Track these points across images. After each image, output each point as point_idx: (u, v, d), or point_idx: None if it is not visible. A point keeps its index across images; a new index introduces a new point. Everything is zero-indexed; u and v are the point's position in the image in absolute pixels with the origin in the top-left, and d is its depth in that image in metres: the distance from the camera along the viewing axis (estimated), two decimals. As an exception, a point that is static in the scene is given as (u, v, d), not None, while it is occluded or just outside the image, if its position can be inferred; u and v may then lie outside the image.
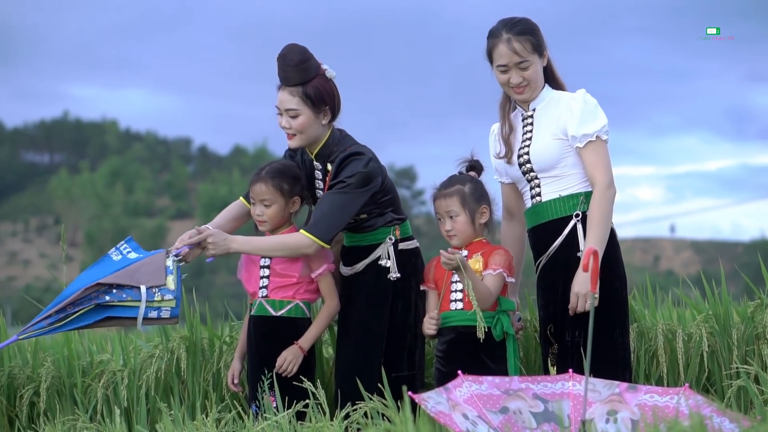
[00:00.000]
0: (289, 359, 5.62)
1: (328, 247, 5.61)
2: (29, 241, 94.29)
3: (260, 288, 5.74)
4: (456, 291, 5.51)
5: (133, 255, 5.58)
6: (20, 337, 5.47)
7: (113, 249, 5.66)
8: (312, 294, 5.76)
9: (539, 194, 5.52)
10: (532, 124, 5.57)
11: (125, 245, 5.66)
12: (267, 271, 5.74)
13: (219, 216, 5.88)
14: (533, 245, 5.60)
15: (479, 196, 5.57)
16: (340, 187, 5.56)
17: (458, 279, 5.48)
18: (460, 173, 5.68)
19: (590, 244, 5.23)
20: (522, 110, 5.62)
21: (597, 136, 5.40)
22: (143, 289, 5.41)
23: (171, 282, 5.48)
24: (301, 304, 5.72)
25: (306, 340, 5.67)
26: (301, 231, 5.55)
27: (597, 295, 4.64)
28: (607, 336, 5.32)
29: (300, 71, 5.58)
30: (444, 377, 5.20)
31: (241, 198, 5.96)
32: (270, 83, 5.73)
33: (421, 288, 5.67)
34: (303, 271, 5.70)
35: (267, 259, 5.72)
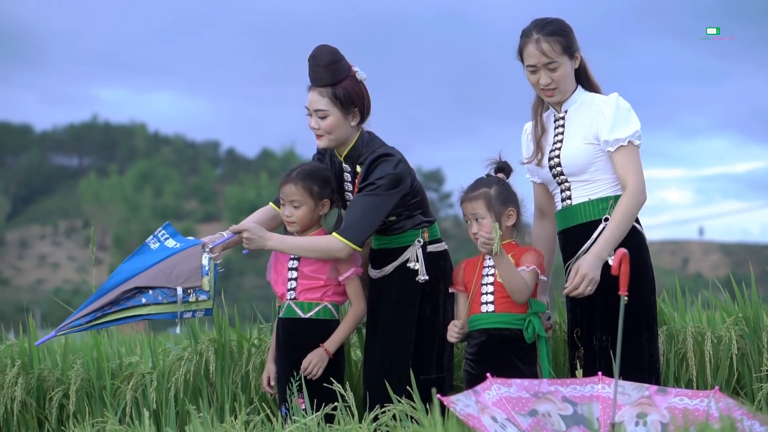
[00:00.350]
0: (314, 362, 5.62)
1: (360, 250, 5.61)
2: (58, 245, 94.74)
3: (288, 290, 5.74)
4: (486, 293, 5.50)
5: (171, 242, 5.61)
6: (59, 333, 5.53)
7: (151, 237, 5.70)
8: (340, 296, 5.76)
9: (569, 197, 5.51)
10: (563, 126, 5.55)
11: (163, 231, 5.70)
12: (295, 273, 5.74)
13: (247, 219, 5.89)
14: (562, 248, 5.58)
15: (505, 199, 5.55)
16: (371, 189, 5.56)
17: (489, 282, 5.48)
18: (488, 175, 5.66)
19: (604, 239, 5.25)
20: (554, 111, 5.60)
21: (629, 141, 5.37)
22: (179, 291, 5.45)
23: (206, 283, 5.52)
24: (330, 306, 5.72)
25: (332, 343, 5.67)
26: (334, 234, 5.56)
27: (626, 297, 4.61)
28: (633, 341, 5.29)
29: (330, 72, 5.59)
30: (474, 380, 5.19)
31: (270, 203, 5.97)
32: (298, 86, 5.70)
33: (450, 290, 5.66)
34: (330, 273, 5.70)
35: (295, 261, 5.73)
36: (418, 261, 5.68)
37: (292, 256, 5.73)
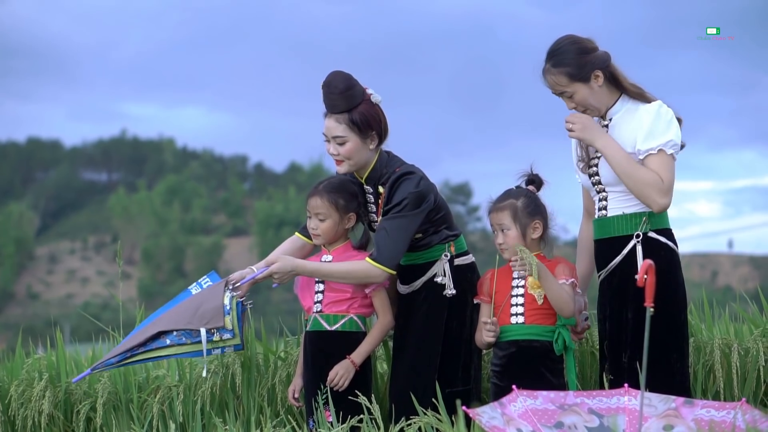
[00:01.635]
0: (340, 373, 5.63)
1: (394, 273, 5.63)
2: (88, 259, 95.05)
3: (315, 303, 5.76)
4: (516, 305, 5.49)
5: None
6: (94, 370, 5.64)
7: (194, 284, 5.73)
8: (366, 308, 5.77)
9: (605, 207, 5.48)
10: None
11: (207, 279, 5.73)
12: (321, 286, 5.75)
13: (274, 252, 5.89)
14: (596, 257, 5.55)
15: (532, 211, 5.54)
16: (396, 211, 5.57)
17: (519, 293, 5.48)
18: (518, 187, 5.67)
19: (608, 142, 5.33)
20: (601, 119, 5.55)
21: (660, 150, 5.30)
22: (203, 332, 5.50)
23: (228, 322, 5.54)
24: (356, 318, 5.73)
25: (358, 355, 5.68)
26: (368, 260, 5.58)
27: (652, 309, 4.58)
28: (663, 361, 5.26)
29: (345, 98, 5.59)
30: (501, 392, 5.17)
31: (296, 233, 5.99)
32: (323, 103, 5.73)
33: (475, 301, 5.66)
34: (357, 286, 5.71)
35: (322, 274, 5.75)
36: (445, 275, 5.68)
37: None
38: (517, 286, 5.52)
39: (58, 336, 6.48)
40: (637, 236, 5.35)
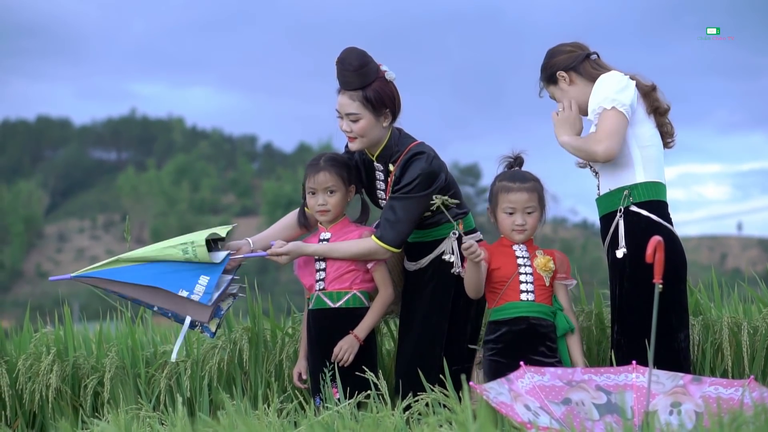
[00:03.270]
0: (345, 348, 5.63)
1: (399, 251, 5.63)
2: (97, 238, 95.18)
3: (317, 281, 5.75)
4: (526, 282, 5.48)
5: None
6: (73, 277, 5.80)
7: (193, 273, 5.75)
8: (368, 283, 5.76)
9: (598, 186, 5.52)
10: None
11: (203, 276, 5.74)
12: (323, 264, 5.74)
13: (274, 227, 5.95)
14: (601, 235, 5.59)
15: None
16: (406, 190, 5.57)
17: (528, 271, 5.49)
18: (519, 169, 5.69)
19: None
20: None
21: (599, 110, 5.35)
22: (188, 320, 5.64)
23: (213, 325, 5.70)
24: (359, 294, 5.72)
25: (361, 330, 5.68)
26: (373, 239, 5.60)
27: (660, 285, 4.57)
28: (651, 335, 5.23)
29: (359, 75, 5.58)
30: (505, 369, 5.16)
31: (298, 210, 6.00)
32: (335, 80, 5.70)
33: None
34: (359, 262, 5.70)
35: (322, 251, 5.76)
36: (453, 253, 5.67)
37: (319, 245, 5.77)
38: (525, 265, 5.51)
39: (66, 312, 6.48)
40: (620, 211, 5.37)
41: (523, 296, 5.49)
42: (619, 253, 5.33)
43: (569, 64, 5.58)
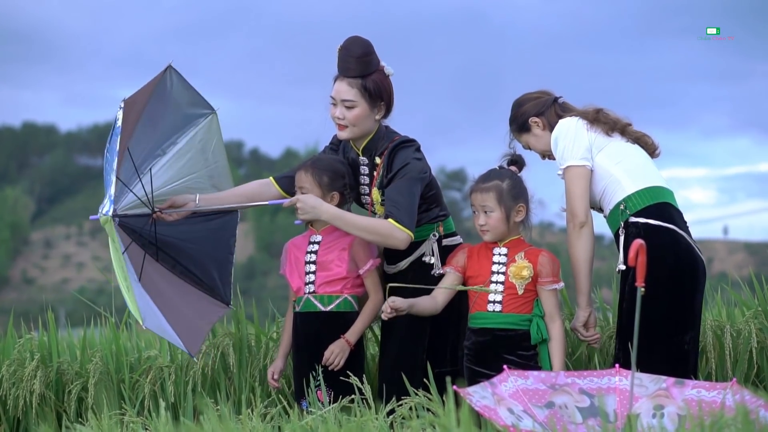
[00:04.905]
0: (336, 352, 5.63)
1: (413, 238, 5.57)
2: (83, 245, 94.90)
3: (306, 284, 5.73)
4: (495, 293, 5.47)
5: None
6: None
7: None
8: (359, 288, 5.76)
9: (603, 209, 5.60)
10: None
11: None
12: (313, 267, 5.73)
13: (242, 187, 6.06)
14: None
15: (517, 194, 5.50)
16: (403, 173, 5.55)
17: (500, 280, 5.46)
18: (500, 167, 5.63)
19: (579, 294, 5.43)
20: None
21: (561, 169, 5.51)
22: (180, 343, 5.51)
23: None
24: (350, 298, 5.72)
25: (352, 334, 5.68)
26: (391, 221, 5.47)
27: (643, 289, 4.58)
28: (644, 341, 5.21)
29: (362, 63, 5.60)
30: (474, 375, 5.24)
31: (271, 177, 6.01)
32: (321, 85, 5.71)
33: (445, 269, 5.63)
34: (350, 267, 5.69)
35: (313, 255, 5.73)
36: (433, 255, 5.67)
37: (309, 249, 5.73)
38: (498, 272, 5.49)
39: (50, 318, 6.47)
40: (621, 226, 5.40)
41: (490, 306, 5.46)
42: (619, 268, 5.34)
43: (539, 110, 5.66)
